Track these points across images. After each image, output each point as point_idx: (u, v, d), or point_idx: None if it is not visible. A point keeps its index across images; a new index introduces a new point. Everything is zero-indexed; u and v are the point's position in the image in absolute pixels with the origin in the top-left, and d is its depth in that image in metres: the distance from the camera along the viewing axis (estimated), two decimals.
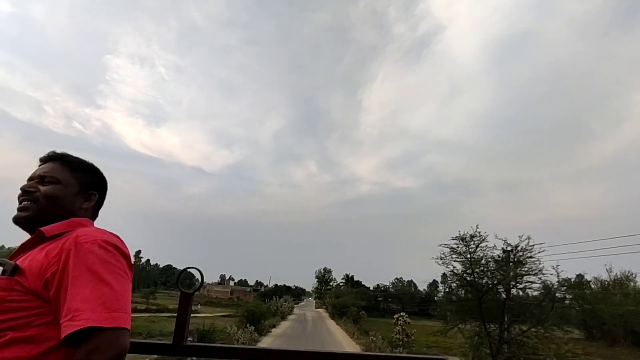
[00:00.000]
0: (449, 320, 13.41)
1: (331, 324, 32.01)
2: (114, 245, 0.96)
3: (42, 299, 0.86)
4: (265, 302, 37.40)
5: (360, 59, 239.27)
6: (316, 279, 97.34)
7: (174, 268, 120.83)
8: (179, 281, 1.34)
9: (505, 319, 11.35)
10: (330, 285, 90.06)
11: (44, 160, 1.14)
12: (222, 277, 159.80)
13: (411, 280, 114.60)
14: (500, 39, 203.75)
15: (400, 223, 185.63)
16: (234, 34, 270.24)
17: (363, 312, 35.92)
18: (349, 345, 18.32)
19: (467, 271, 12.87)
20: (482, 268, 12.56)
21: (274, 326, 25.55)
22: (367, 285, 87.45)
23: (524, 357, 10.33)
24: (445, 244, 13.39)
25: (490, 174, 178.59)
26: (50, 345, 0.84)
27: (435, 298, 52.77)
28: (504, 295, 11.60)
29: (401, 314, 17.72)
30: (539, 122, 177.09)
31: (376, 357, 1.80)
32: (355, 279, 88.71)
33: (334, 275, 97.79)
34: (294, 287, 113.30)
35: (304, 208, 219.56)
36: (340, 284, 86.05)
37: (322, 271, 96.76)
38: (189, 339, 1.37)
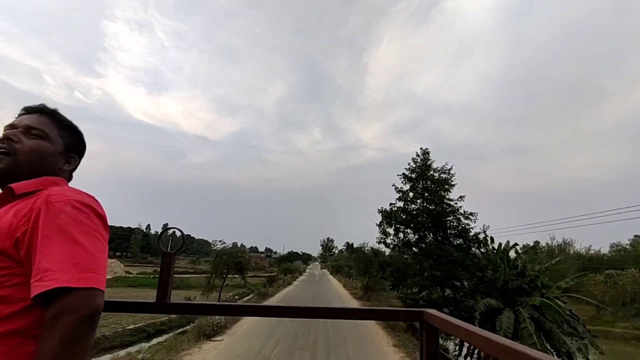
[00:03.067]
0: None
1: (330, 276, 51.54)
2: (88, 206, 0.93)
3: (12, 259, 0.84)
4: (280, 266, 54.19)
5: (366, 21, 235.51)
6: (321, 247, 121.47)
7: (192, 237, 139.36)
8: (160, 242, 1.35)
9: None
10: (332, 252, 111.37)
11: (31, 112, 1.08)
12: (234, 244, 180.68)
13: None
14: None
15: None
16: None
17: (352, 270, 55.07)
18: (336, 283, 37.19)
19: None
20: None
21: (296, 278, 44.34)
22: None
23: None
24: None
25: (498, 139, 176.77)
26: (22, 306, 0.82)
27: None
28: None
29: None
30: (550, 83, 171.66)
31: (361, 310, 1.47)
32: (358, 244, 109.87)
33: (336, 243, 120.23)
34: (301, 254, 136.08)
35: (309, 175, 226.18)
36: (342, 250, 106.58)
37: (326, 240, 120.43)
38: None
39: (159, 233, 1.43)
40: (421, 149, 14.36)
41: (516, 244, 14.94)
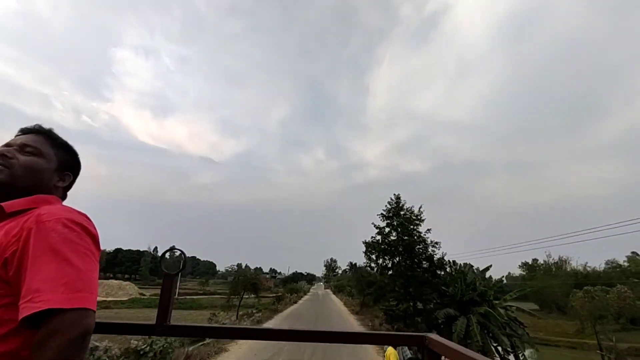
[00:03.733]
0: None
1: (332, 295, 55.36)
2: (79, 224, 0.92)
3: (1, 280, 0.83)
4: (286, 286, 57.35)
5: (367, 43, 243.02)
6: (324, 267, 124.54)
7: (197, 259, 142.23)
8: (162, 263, 1.33)
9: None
10: (335, 272, 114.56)
11: (27, 132, 1.10)
12: (239, 265, 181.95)
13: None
14: (510, 15, 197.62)
15: (409, 206, 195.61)
16: (238, 22, 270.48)
17: (353, 289, 58.76)
18: (338, 301, 41.04)
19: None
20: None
21: (301, 297, 48.06)
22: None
23: None
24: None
25: (500, 155, 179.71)
26: (10, 327, 0.80)
27: None
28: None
29: None
30: (550, 100, 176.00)
31: (364, 334, 1.38)
32: (362, 262, 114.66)
33: (340, 262, 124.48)
34: (306, 274, 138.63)
35: (312, 195, 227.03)
36: (346, 270, 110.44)
37: (329, 261, 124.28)
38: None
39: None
40: (394, 195, 18.81)
41: (471, 265, 19.12)
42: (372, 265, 18.34)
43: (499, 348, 16.19)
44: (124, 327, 1.27)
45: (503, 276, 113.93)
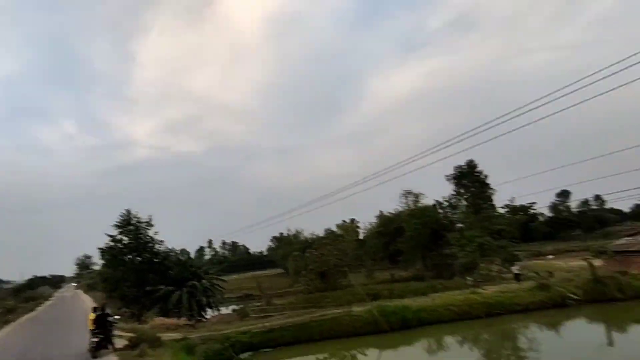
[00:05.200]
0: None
1: (84, 295, 53.69)
2: None
3: None
4: (17, 296, 50.17)
5: (132, 4, 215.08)
6: (76, 265, 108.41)
7: None
8: None
9: None
10: (90, 270, 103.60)
11: None
12: None
13: (184, 249, 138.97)
14: (277, 14, 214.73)
15: (185, 190, 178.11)
16: None
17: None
18: (86, 297, 42.23)
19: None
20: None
21: (41, 304, 45.06)
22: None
23: None
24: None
25: (270, 140, 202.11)
26: None
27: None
28: None
29: None
30: (307, 95, 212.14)
31: None
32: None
33: (95, 259, 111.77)
34: (50, 277, 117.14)
35: (60, 179, 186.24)
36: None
37: (83, 258, 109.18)
38: None
39: None
40: (125, 210, 24.60)
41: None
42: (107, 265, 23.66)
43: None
44: None
45: (253, 250, 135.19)
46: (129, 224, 23.92)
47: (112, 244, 23.71)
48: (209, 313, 26.40)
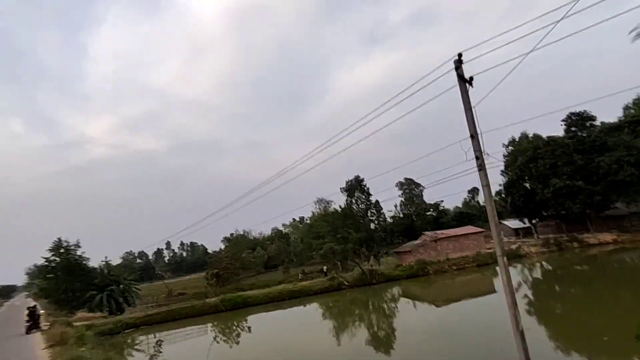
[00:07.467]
0: None
1: (32, 302, 61.16)
2: None
3: None
4: None
5: None
6: (26, 275, 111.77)
7: None
8: None
9: None
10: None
11: None
12: None
13: (142, 251, 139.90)
14: (237, 6, 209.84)
15: (146, 189, 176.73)
16: None
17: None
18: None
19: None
20: None
21: None
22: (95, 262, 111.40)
23: None
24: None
25: (237, 135, 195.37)
26: None
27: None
28: None
29: None
30: (273, 89, 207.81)
31: None
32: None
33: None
34: (0, 287, 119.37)
35: (4, 182, 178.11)
36: None
37: (33, 267, 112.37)
38: None
39: None
40: (57, 238, 33.78)
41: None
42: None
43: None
44: None
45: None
46: (60, 248, 33.05)
47: (46, 263, 32.90)
48: (129, 310, 36.18)
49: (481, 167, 6.75)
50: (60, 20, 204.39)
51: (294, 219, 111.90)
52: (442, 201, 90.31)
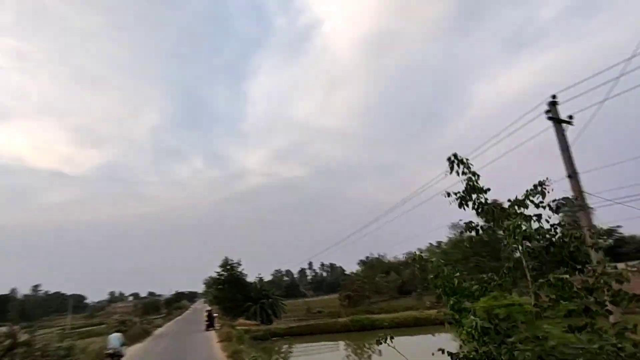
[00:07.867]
0: None
1: (208, 306, 76.22)
2: None
3: None
4: (169, 307, 75.73)
5: (243, 50, 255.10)
6: (204, 284, 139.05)
7: (62, 294, 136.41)
8: None
9: None
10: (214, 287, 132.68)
11: None
12: (112, 294, 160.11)
13: (289, 270, 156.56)
14: (369, 35, 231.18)
15: (292, 212, 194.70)
16: (93, 17, 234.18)
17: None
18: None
19: None
20: None
21: (183, 312, 67.55)
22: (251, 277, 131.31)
23: None
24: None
25: (370, 158, 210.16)
26: None
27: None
28: None
29: None
30: (404, 110, 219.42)
31: None
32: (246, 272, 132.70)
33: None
34: (187, 293, 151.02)
35: (191, 207, 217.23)
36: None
37: (209, 278, 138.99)
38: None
39: (27, 295, 15.18)
40: (225, 257, 42.33)
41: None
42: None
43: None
44: None
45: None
46: (227, 265, 41.48)
47: (216, 276, 41.77)
48: (276, 321, 42.04)
49: (582, 208, 6.93)
50: (228, 75, 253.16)
51: (430, 244, 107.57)
52: (619, 226, 73.50)
